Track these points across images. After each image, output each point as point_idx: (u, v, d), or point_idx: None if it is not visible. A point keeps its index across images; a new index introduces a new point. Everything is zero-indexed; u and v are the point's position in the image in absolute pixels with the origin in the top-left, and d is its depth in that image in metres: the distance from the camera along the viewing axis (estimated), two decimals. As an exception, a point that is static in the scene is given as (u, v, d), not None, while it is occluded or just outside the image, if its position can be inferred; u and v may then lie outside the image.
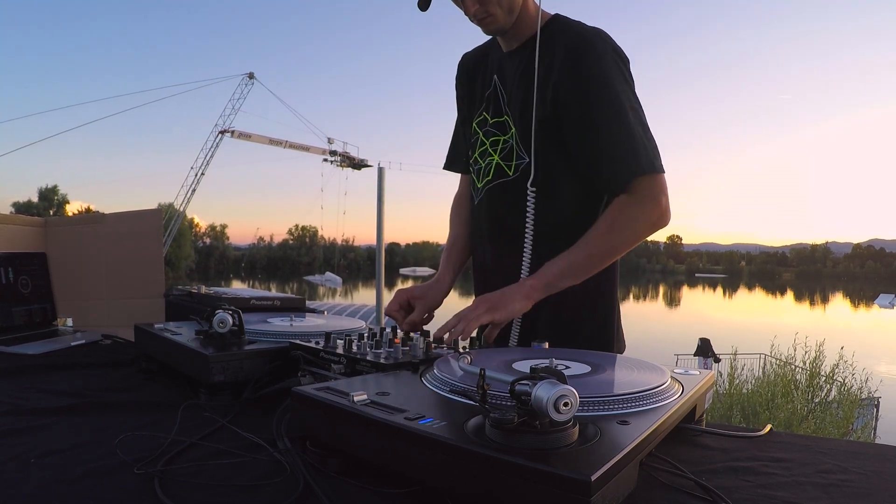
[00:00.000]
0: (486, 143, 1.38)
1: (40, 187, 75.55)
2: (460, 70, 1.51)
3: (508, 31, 1.29)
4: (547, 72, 1.24)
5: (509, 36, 1.32)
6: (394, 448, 0.63)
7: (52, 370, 1.25)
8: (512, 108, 1.32)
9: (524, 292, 1.19)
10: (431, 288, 1.40)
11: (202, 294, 1.54)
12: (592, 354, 0.97)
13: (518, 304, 1.18)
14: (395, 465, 0.63)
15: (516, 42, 1.33)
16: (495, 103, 1.36)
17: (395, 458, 0.63)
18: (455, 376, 0.76)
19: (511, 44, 1.34)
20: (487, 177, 1.37)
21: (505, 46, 1.36)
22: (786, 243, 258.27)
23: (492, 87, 1.38)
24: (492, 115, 1.37)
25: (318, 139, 57.99)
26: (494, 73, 1.37)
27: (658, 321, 38.04)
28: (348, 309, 13.60)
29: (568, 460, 0.54)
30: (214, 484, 0.67)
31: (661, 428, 0.67)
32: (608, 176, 1.24)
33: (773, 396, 7.22)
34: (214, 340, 1.06)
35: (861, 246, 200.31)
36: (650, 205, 1.22)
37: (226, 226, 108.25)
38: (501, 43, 1.37)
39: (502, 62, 1.36)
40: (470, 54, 1.50)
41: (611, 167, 1.22)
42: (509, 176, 1.33)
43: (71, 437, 0.82)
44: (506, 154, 1.33)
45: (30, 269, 1.77)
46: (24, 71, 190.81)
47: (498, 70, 1.37)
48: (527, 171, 1.28)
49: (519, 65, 1.31)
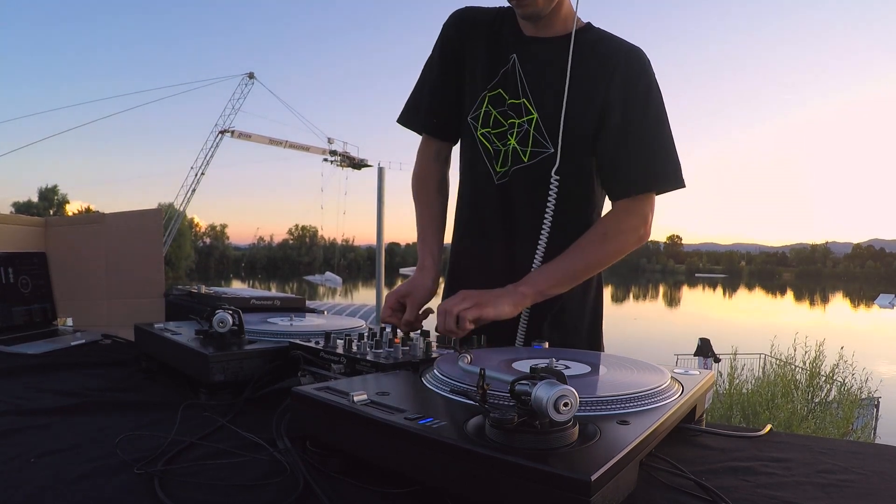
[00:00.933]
0: (504, 124, 1.31)
1: (40, 187, 75.66)
2: (465, 23, 1.37)
3: (542, 19, 1.25)
4: (592, 74, 1.25)
5: (540, 23, 1.28)
6: (394, 448, 0.63)
7: (52, 370, 1.25)
8: (535, 94, 1.27)
9: (515, 299, 1.17)
10: (416, 281, 1.31)
11: (202, 294, 1.54)
12: (592, 354, 0.97)
13: (507, 308, 1.16)
14: (395, 465, 0.63)
15: (544, 32, 1.29)
16: (512, 83, 1.30)
17: (395, 458, 0.63)
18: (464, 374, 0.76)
19: (537, 31, 1.29)
20: (508, 162, 1.31)
21: (529, 30, 1.30)
22: (786, 243, 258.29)
23: (509, 65, 1.30)
24: (510, 95, 1.30)
25: (318, 139, 57.97)
26: (514, 52, 1.30)
27: (658, 321, 38.03)
28: (348, 309, 13.61)
29: (568, 460, 0.54)
30: (214, 484, 0.67)
31: (661, 428, 0.67)
32: (628, 178, 1.26)
33: (773, 396, 7.22)
34: (214, 340, 1.06)
35: (861, 246, 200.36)
36: (640, 219, 1.26)
37: (226, 226, 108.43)
38: (526, 25, 1.31)
39: (523, 45, 1.30)
40: (474, 13, 1.38)
41: (636, 171, 1.25)
42: (524, 162, 1.30)
43: (71, 437, 0.82)
44: (521, 138, 1.29)
45: (30, 269, 1.77)
46: (24, 71, 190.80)
47: (517, 50, 1.30)
48: (543, 161, 1.27)
49: (548, 54, 1.28)
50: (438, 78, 1.39)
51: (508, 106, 1.30)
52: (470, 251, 1.43)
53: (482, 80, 1.33)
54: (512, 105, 1.30)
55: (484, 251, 1.39)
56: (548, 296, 1.22)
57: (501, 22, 1.35)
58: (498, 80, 1.32)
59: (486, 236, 1.38)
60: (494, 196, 1.34)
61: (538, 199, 1.26)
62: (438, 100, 1.39)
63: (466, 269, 1.44)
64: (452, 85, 1.38)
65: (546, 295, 1.21)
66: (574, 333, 1.36)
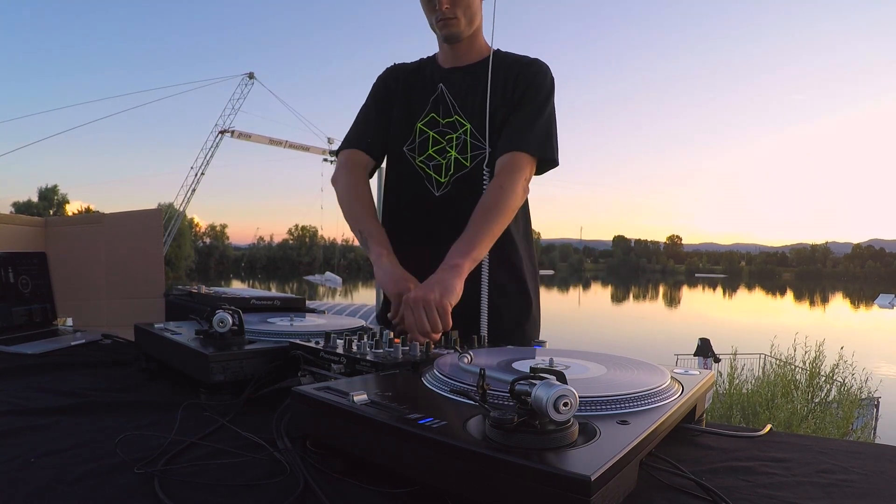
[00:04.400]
0: (441, 140, 1.55)
1: (40, 187, 75.62)
2: (392, 74, 1.65)
3: (460, 44, 1.54)
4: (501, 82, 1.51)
5: (456, 53, 1.57)
6: (394, 448, 0.63)
7: (52, 370, 1.25)
8: (465, 110, 1.54)
9: (458, 272, 1.24)
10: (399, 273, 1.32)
11: (202, 294, 1.54)
12: (592, 354, 0.97)
13: (459, 284, 1.22)
14: (395, 465, 0.63)
15: (462, 62, 1.57)
16: (444, 106, 1.56)
17: (395, 458, 0.63)
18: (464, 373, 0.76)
19: (456, 61, 1.58)
20: (451, 171, 1.54)
21: (448, 62, 1.59)
22: (786, 243, 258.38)
23: (437, 93, 1.57)
24: (442, 117, 1.56)
25: (318, 139, 57.91)
26: (440, 82, 1.58)
27: (658, 321, 38.03)
28: (348, 309, 13.58)
29: (568, 460, 0.54)
30: (214, 484, 0.67)
31: (661, 428, 0.67)
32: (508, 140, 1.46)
33: (773, 396, 7.22)
34: (214, 340, 1.06)
35: (861, 246, 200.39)
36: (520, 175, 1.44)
37: (226, 226, 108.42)
38: (446, 58, 1.60)
39: (446, 75, 1.58)
40: (402, 66, 1.67)
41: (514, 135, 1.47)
42: (467, 167, 1.52)
43: (71, 437, 0.82)
44: (460, 148, 1.53)
45: (30, 269, 1.77)
46: (24, 71, 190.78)
47: (443, 80, 1.58)
48: (481, 163, 1.50)
49: (468, 78, 1.55)
50: (373, 111, 1.64)
51: (443, 125, 1.56)
52: (411, 254, 1.42)
53: (413, 112, 1.59)
54: (448, 123, 1.56)
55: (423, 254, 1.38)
56: (478, 259, 1.34)
57: (424, 66, 1.64)
58: (429, 107, 1.58)
59: (429, 240, 1.46)
60: (437, 204, 1.54)
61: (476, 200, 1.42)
62: (373, 126, 1.62)
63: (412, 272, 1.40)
64: (384, 118, 1.62)
65: (477, 259, 1.33)
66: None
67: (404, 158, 1.59)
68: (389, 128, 1.61)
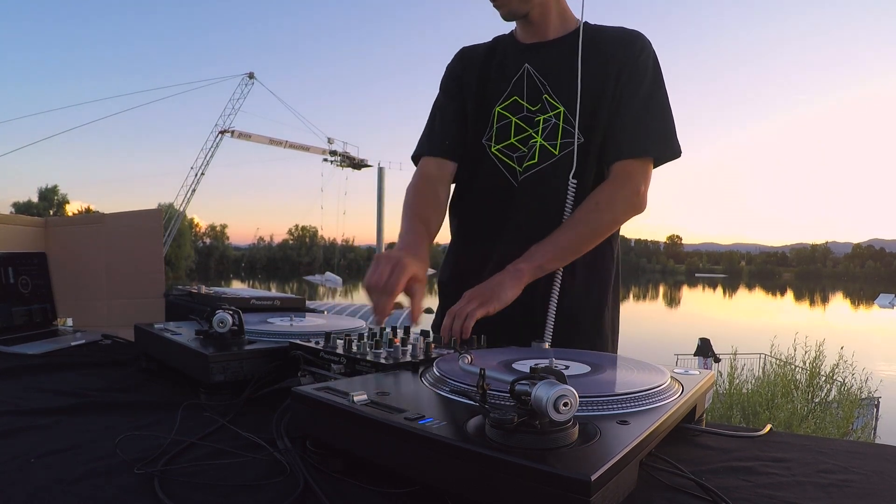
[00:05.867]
0: (526, 128, 1.38)
1: (40, 187, 75.73)
2: (461, 61, 1.50)
3: (538, 17, 1.37)
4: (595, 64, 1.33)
5: (536, 28, 1.40)
6: (394, 448, 0.63)
7: (52, 370, 1.25)
8: (556, 91, 1.36)
9: (515, 277, 1.20)
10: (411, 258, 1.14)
11: (202, 294, 1.54)
12: (592, 354, 0.97)
13: (510, 292, 1.18)
14: (395, 465, 0.63)
15: (546, 35, 1.40)
16: (531, 87, 1.38)
17: (395, 458, 0.63)
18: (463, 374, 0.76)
19: (540, 35, 1.40)
20: (534, 160, 1.36)
21: (529, 37, 1.42)
22: (786, 243, 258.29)
23: (521, 72, 1.40)
24: (527, 100, 1.39)
25: (318, 139, 57.97)
26: (524, 59, 1.40)
27: (658, 321, 38.01)
28: (348, 309, 13.60)
29: (568, 460, 0.54)
30: (214, 484, 0.67)
31: (661, 428, 0.67)
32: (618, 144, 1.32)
33: (773, 396, 7.22)
34: (214, 340, 1.06)
35: (861, 246, 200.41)
36: (631, 188, 1.30)
37: (226, 226, 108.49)
38: (525, 33, 1.42)
39: (530, 51, 1.41)
40: (472, 48, 1.52)
41: (626, 136, 1.31)
42: (556, 156, 1.35)
43: (71, 437, 0.82)
44: (548, 133, 1.36)
45: (30, 269, 1.77)
46: (25, 71, 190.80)
47: (528, 58, 1.40)
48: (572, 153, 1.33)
49: (556, 53, 1.38)
50: (445, 109, 1.48)
51: (529, 109, 1.38)
52: (480, 252, 1.42)
53: (491, 97, 1.42)
54: (534, 107, 1.38)
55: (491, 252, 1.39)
56: (546, 270, 1.26)
57: (500, 43, 1.47)
58: (510, 89, 1.40)
59: (500, 237, 1.39)
60: (513, 198, 1.38)
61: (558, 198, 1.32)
62: (448, 125, 1.47)
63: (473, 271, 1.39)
64: (458, 113, 1.46)
65: (544, 269, 1.25)
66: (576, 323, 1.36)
67: (479, 148, 1.43)
68: (467, 122, 1.45)
